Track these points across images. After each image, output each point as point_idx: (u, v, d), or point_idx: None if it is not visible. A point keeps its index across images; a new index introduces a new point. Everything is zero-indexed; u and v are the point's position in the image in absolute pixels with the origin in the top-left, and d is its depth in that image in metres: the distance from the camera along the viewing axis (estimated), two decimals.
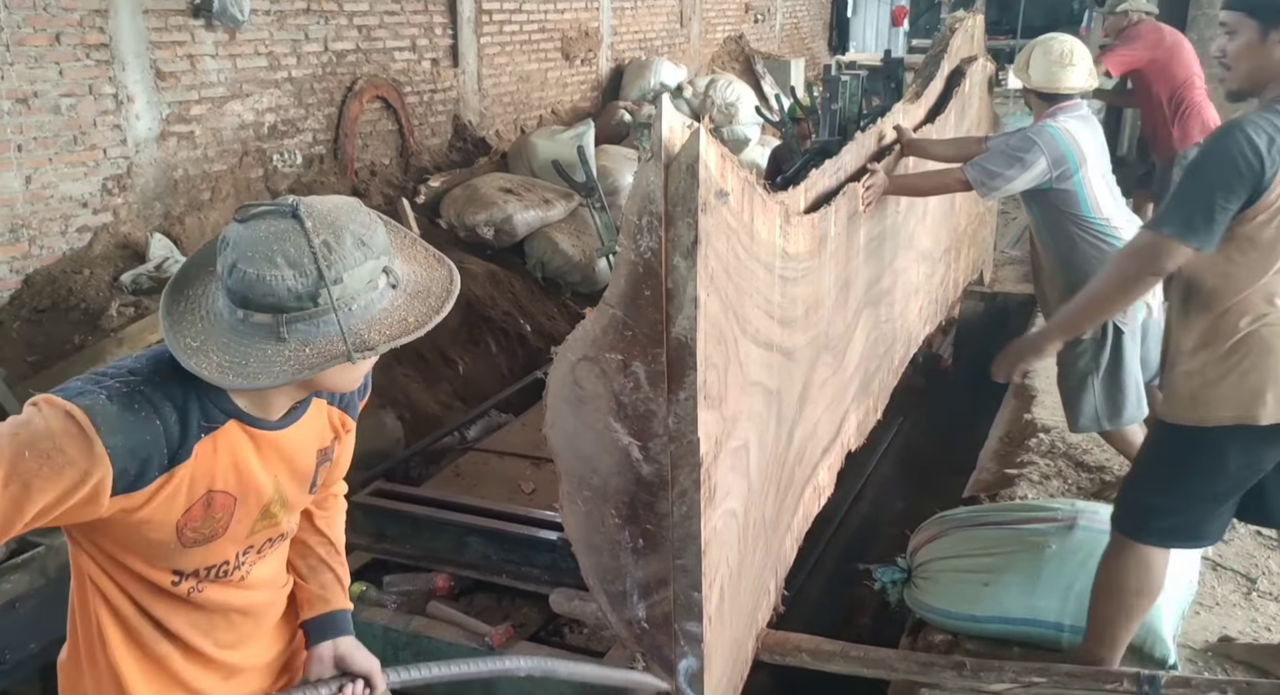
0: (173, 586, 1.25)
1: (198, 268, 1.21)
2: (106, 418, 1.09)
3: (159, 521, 1.17)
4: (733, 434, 2.03)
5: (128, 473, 1.10)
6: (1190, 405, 1.99)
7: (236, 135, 5.45)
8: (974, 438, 4.46)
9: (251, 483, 1.25)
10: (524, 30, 8.18)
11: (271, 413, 1.25)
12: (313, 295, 1.09)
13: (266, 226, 1.10)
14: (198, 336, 1.13)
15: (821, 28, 15.47)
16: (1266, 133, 1.79)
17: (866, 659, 2.27)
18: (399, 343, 1.13)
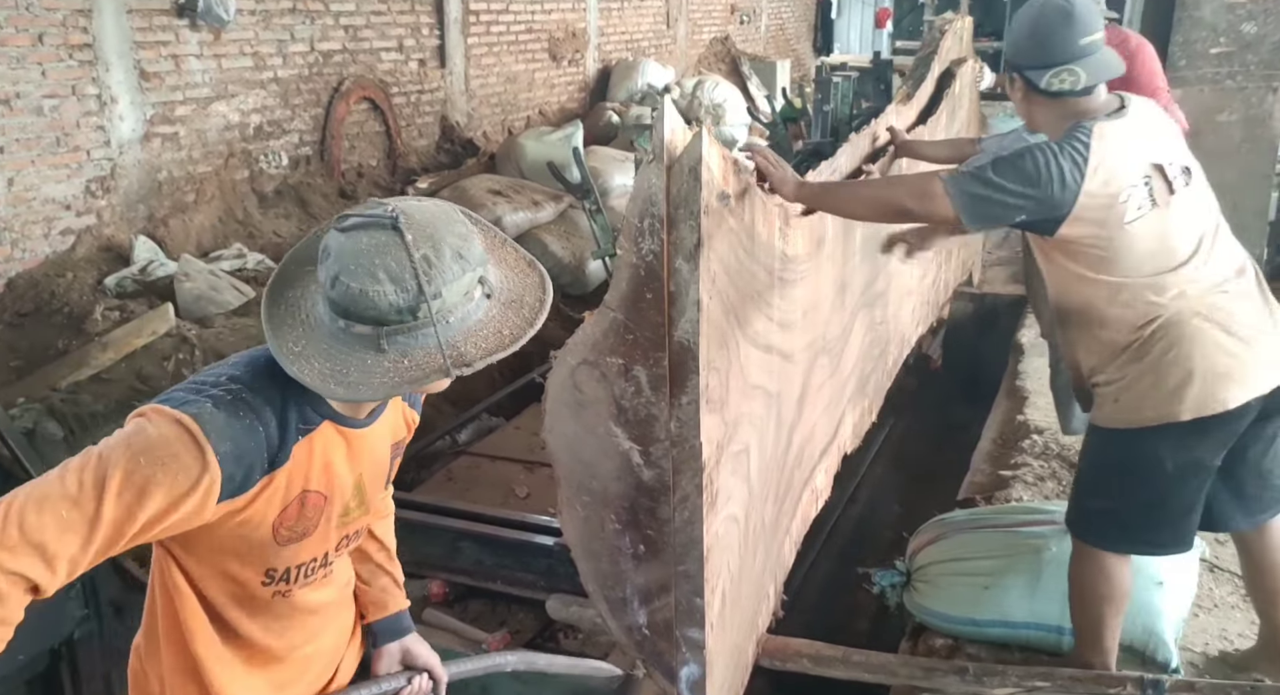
0: (262, 587, 1.29)
1: (295, 266, 1.23)
2: (215, 425, 1.11)
3: (258, 522, 1.20)
4: (734, 438, 2.01)
5: (234, 479, 1.13)
6: (1116, 409, 2.01)
7: (222, 136, 5.40)
8: (965, 439, 4.46)
9: (338, 481, 1.28)
10: (511, 31, 8.15)
11: (361, 412, 1.29)
12: (413, 309, 1.11)
13: (368, 238, 1.11)
14: (299, 341, 1.15)
15: (806, 29, 15.52)
16: (1073, 159, 1.85)
17: (868, 664, 2.26)
18: (495, 358, 1.15)
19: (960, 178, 1.88)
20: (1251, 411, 1.96)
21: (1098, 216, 1.89)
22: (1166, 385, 1.94)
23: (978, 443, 4.03)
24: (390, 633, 1.52)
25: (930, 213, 1.92)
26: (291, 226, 5.65)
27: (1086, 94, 1.96)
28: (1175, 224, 1.94)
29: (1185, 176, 1.96)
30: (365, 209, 1.14)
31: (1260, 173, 6.32)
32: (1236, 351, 1.94)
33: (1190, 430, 1.95)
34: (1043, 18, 1.98)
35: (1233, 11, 6.19)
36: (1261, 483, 2.10)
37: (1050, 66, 1.93)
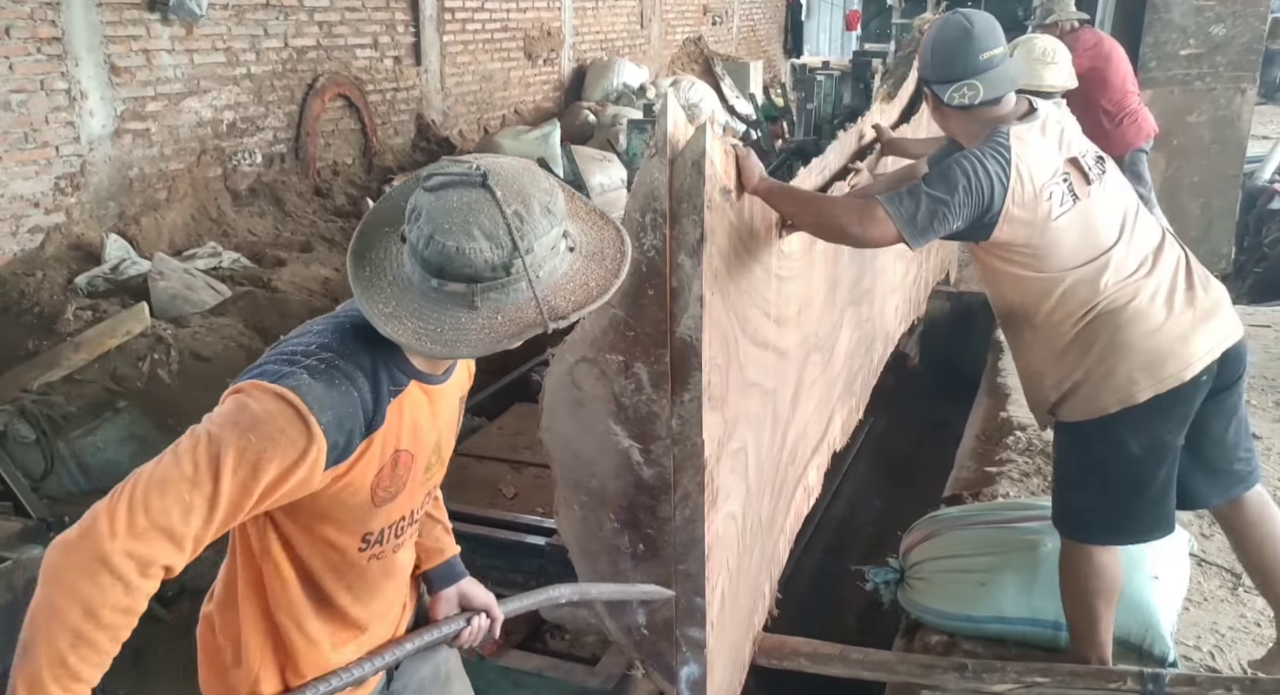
0: (359, 553, 1.30)
1: (375, 229, 1.23)
2: (315, 396, 1.12)
3: (358, 485, 1.22)
4: (733, 435, 2.00)
5: (337, 446, 1.15)
6: (1075, 403, 2.06)
7: (194, 133, 5.30)
8: (945, 435, 4.49)
9: (423, 438, 1.30)
10: (486, 29, 8.10)
11: (439, 369, 1.30)
12: (506, 265, 1.12)
13: (458, 197, 1.12)
14: (389, 302, 1.16)
15: (777, 31, 15.59)
16: (997, 162, 1.91)
17: (866, 662, 2.25)
18: (587, 311, 1.17)
19: (897, 199, 1.92)
20: (1205, 384, 2.01)
21: (1026, 215, 1.95)
22: (1119, 372, 1.99)
23: (959, 440, 4.06)
24: (446, 579, 1.55)
25: (874, 237, 1.96)
26: (266, 225, 5.56)
27: (994, 104, 2.03)
28: (1097, 212, 2.01)
29: (1100, 166, 2.04)
30: (450, 168, 1.14)
31: (1228, 173, 6.44)
32: (1177, 325, 1.99)
33: (1150, 411, 2.00)
34: (943, 35, 2.05)
35: (1202, 14, 6.29)
36: (1229, 456, 2.16)
37: (952, 81, 2.00)
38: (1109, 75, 5.15)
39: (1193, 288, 2.04)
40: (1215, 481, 2.18)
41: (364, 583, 1.35)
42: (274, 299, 4.47)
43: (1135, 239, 2.04)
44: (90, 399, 3.43)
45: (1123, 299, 1.99)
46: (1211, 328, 2.02)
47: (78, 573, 1.02)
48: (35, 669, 1.01)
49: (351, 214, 6.12)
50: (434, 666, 1.60)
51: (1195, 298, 2.03)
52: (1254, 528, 2.19)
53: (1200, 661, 2.34)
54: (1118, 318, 1.99)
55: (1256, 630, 2.46)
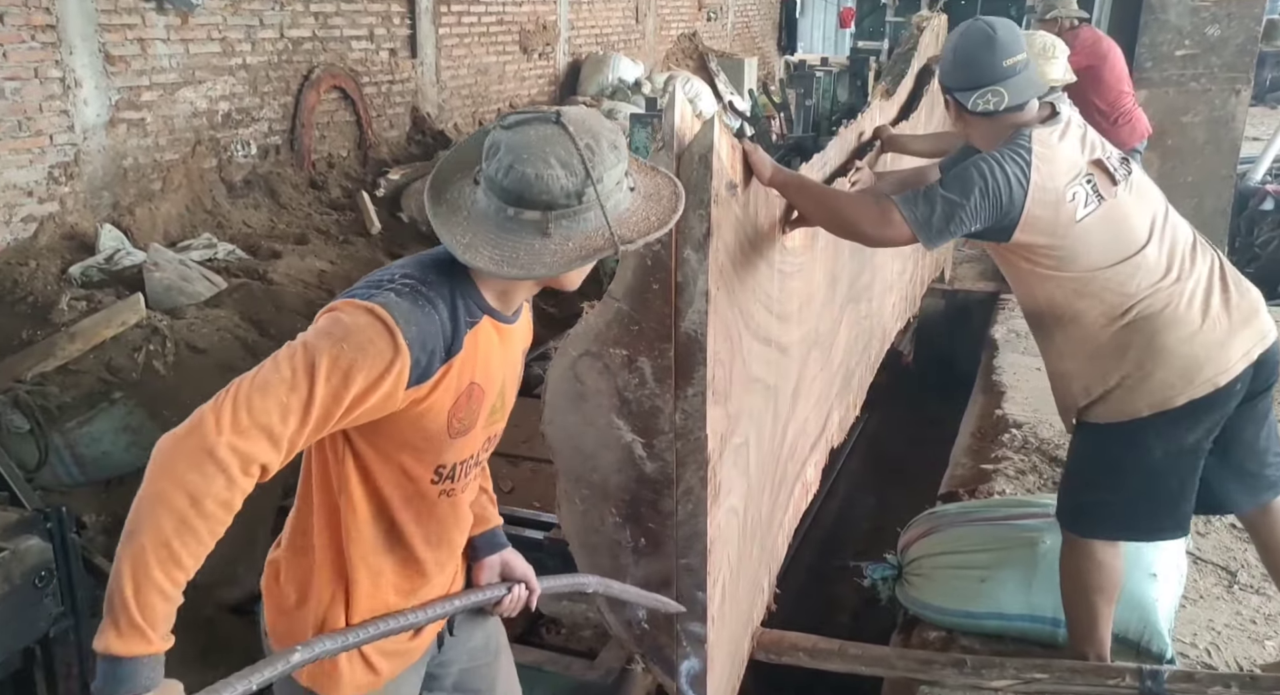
0: (431, 486, 1.37)
1: (449, 174, 1.31)
2: (402, 312, 1.20)
3: (437, 411, 1.28)
4: (735, 431, 2.00)
5: (420, 363, 1.21)
6: (1106, 407, 2.04)
7: (189, 123, 5.27)
8: (938, 433, 4.50)
9: (493, 375, 1.37)
10: (482, 22, 8.07)
11: (510, 308, 1.37)
12: (579, 193, 1.20)
13: (535, 131, 1.21)
14: (465, 234, 1.24)
15: (771, 28, 15.59)
16: (1017, 164, 1.91)
17: (864, 657, 2.26)
18: (650, 238, 1.27)
19: (912, 201, 1.92)
20: (1239, 392, 2.00)
21: (1048, 218, 1.94)
22: (1155, 377, 1.98)
23: (953, 437, 4.07)
24: (490, 546, 1.60)
25: (888, 237, 1.97)
26: (261, 217, 5.53)
27: (1018, 110, 2.02)
28: (1126, 213, 1.99)
29: (1125, 167, 2.03)
30: (526, 111, 1.24)
31: (1222, 173, 6.46)
32: (1214, 330, 1.98)
33: (1182, 415, 1.99)
34: (967, 42, 2.05)
35: (1197, 15, 6.31)
36: (1260, 462, 2.14)
37: (976, 88, 2.00)
38: (1105, 74, 5.17)
39: (1228, 292, 2.02)
40: (1246, 487, 2.15)
41: (434, 520, 1.41)
42: (269, 291, 4.44)
43: (1166, 240, 2.02)
44: (85, 389, 3.41)
45: (1158, 303, 1.97)
46: (1248, 333, 2.00)
47: (186, 463, 1.09)
48: (139, 549, 1.07)
49: (346, 207, 6.09)
50: (485, 636, 1.65)
51: (1231, 302, 2.01)
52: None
53: (1197, 658, 2.35)
54: (1154, 322, 1.97)
55: (1252, 627, 2.47)
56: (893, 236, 1.95)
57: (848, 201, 1.99)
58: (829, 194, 2.01)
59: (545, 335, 5.08)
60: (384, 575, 1.39)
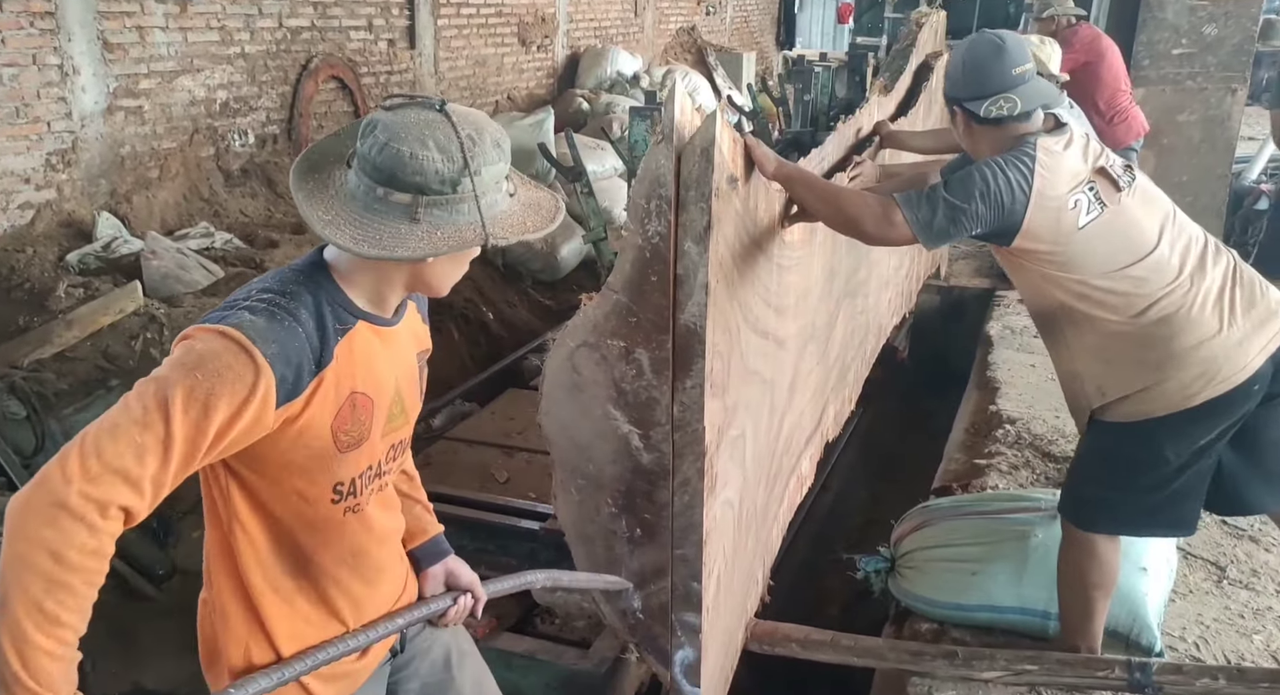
0: (333, 504, 1.31)
1: (324, 154, 1.27)
2: (258, 330, 1.15)
3: (317, 427, 1.23)
4: (732, 423, 2.01)
5: (286, 380, 1.16)
6: (1123, 407, 2.05)
7: (187, 112, 5.25)
8: (933, 428, 4.52)
9: (381, 382, 1.32)
10: (481, 14, 8.05)
11: (386, 309, 1.32)
12: (454, 181, 1.17)
13: (416, 114, 1.18)
14: (329, 211, 1.19)
15: (770, 22, 15.57)
16: (1019, 171, 1.93)
17: (857, 648, 2.28)
18: (523, 239, 1.24)
19: (915, 202, 1.94)
20: (1257, 393, 2.00)
21: (1050, 225, 1.95)
22: (1174, 380, 1.98)
23: (946, 432, 4.09)
24: (432, 556, 1.58)
25: (889, 238, 1.98)
26: (258, 206, 5.53)
27: (1025, 119, 2.04)
28: (1132, 219, 2.01)
29: (1129, 174, 2.04)
30: (411, 95, 1.22)
31: (1217, 172, 6.48)
32: (1233, 333, 1.98)
33: (1199, 415, 1.99)
34: (976, 52, 2.08)
35: (1194, 14, 6.33)
36: None
37: (987, 96, 2.02)
38: (1102, 72, 5.18)
39: (1247, 293, 2.03)
40: (1272, 486, 2.14)
41: (344, 539, 1.35)
42: None
43: (1179, 244, 2.03)
44: (82, 377, 3.41)
45: (1173, 306, 1.98)
46: (1266, 331, 2.01)
47: (38, 521, 1.04)
48: (14, 619, 1.02)
49: None
50: (445, 649, 1.61)
51: (1251, 304, 2.02)
52: None
53: (1185, 652, 2.38)
54: (1171, 326, 1.98)
55: (1240, 622, 2.50)
56: (894, 236, 1.97)
57: (851, 199, 2.00)
58: (833, 190, 2.02)
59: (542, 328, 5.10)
60: (297, 604, 1.33)
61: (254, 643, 1.32)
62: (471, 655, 1.68)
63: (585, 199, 2.70)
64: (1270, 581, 2.67)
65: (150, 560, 3.14)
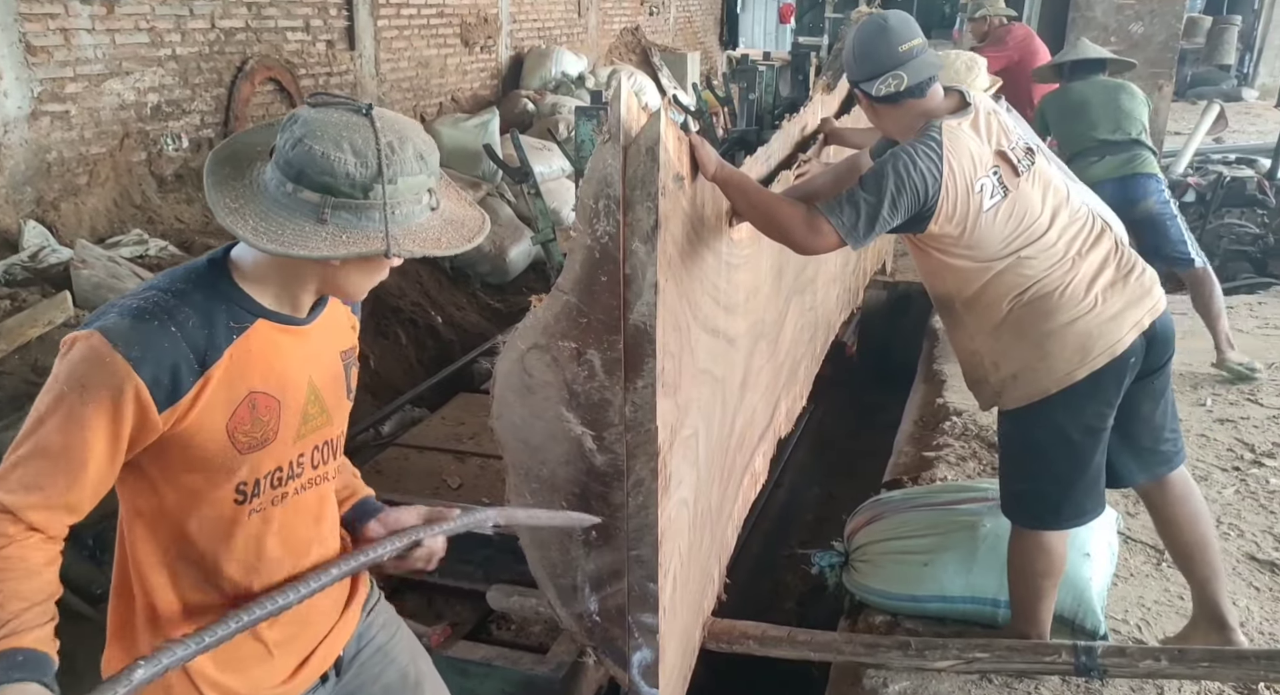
0: (236, 505, 1.27)
1: (246, 145, 1.23)
2: (121, 333, 1.12)
3: (210, 428, 1.20)
4: (685, 422, 2.01)
5: (161, 382, 1.13)
6: (1016, 389, 2.14)
7: (116, 116, 5.09)
8: (883, 422, 4.59)
9: (288, 383, 1.28)
10: (422, 14, 7.95)
11: (298, 309, 1.28)
12: (366, 187, 1.14)
13: (339, 115, 1.16)
14: (238, 199, 1.16)
15: (713, 23, 15.66)
16: (929, 158, 1.99)
17: (813, 643, 2.29)
18: (431, 254, 1.19)
19: (837, 208, 1.98)
20: (1134, 365, 2.10)
21: (960, 206, 2.02)
22: (1054, 355, 2.08)
23: (896, 426, 4.15)
24: (366, 514, 1.53)
25: (818, 247, 2.02)
26: (195, 212, 5.38)
27: (920, 95, 2.09)
28: (1028, 203, 2.09)
29: (1029, 157, 2.12)
30: (340, 96, 1.19)
31: None
32: (1107, 308, 2.08)
33: (1084, 390, 2.08)
34: (862, 35, 2.14)
35: (1122, 12, 6.53)
36: (1156, 437, 2.25)
37: (877, 75, 2.08)
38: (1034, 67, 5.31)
39: (1122, 273, 2.13)
40: (1142, 461, 2.27)
41: (249, 543, 1.30)
42: None
43: (1069, 228, 2.12)
44: (10, 391, 3.28)
45: (1051, 285, 2.08)
46: (1138, 309, 2.11)
47: None
48: None
49: None
50: (401, 672, 1.55)
51: (1126, 283, 2.12)
52: (1177, 506, 2.29)
53: (1128, 634, 2.44)
54: (1047, 304, 2.07)
55: (1180, 603, 2.57)
56: (822, 245, 2.01)
57: (781, 210, 2.02)
58: (766, 199, 2.04)
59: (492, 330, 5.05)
60: (206, 614, 1.28)
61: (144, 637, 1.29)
62: (430, 677, 1.62)
63: (533, 200, 2.68)
64: None
65: (85, 579, 3.04)
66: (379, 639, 1.56)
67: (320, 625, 1.43)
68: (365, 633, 1.54)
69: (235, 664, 1.32)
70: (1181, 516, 2.29)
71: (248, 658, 1.33)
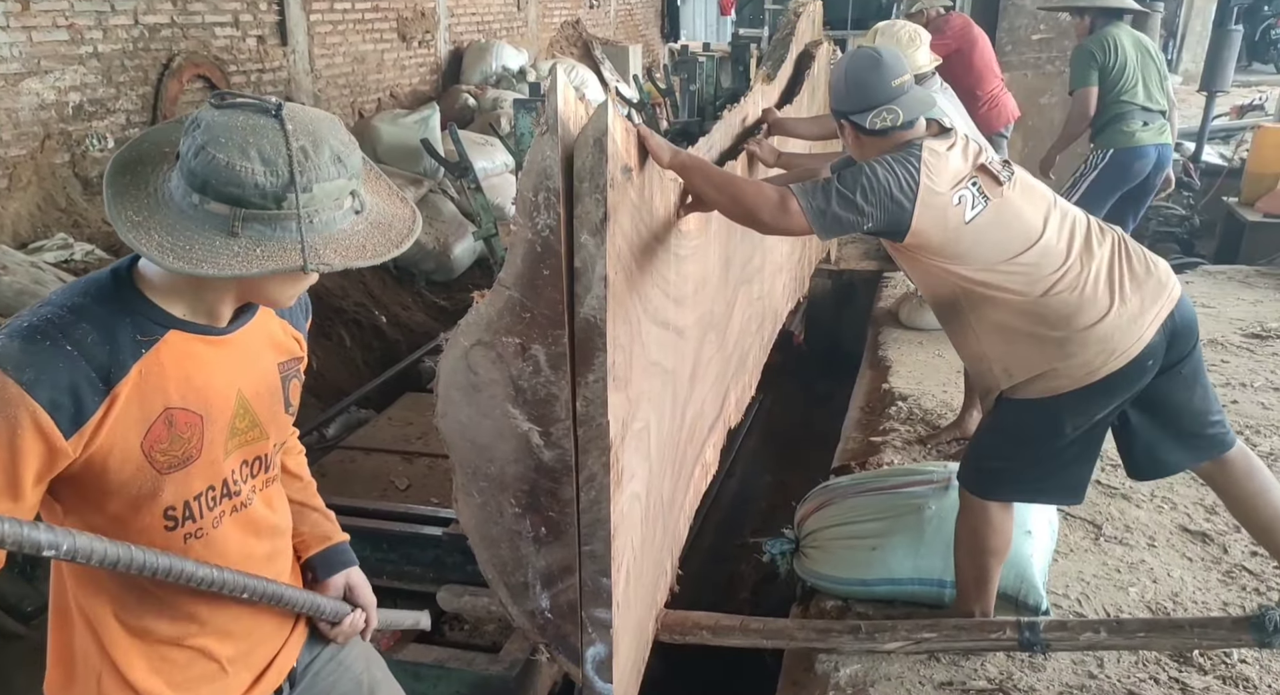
0: (168, 531, 1.20)
1: (153, 146, 1.14)
2: (10, 357, 1.05)
3: (123, 449, 1.12)
4: (636, 415, 2.00)
5: (62, 405, 1.06)
6: (1030, 386, 2.12)
7: (36, 116, 4.91)
8: (831, 409, 4.64)
9: (212, 396, 1.20)
10: (357, 9, 7.80)
11: (217, 318, 1.21)
12: (278, 197, 1.06)
13: (245, 118, 1.06)
14: (141, 211, 1.07)
15: (654, 15, 15.66)
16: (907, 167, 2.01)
17: (765, 630, 2.31)
18: (354, 265, 1.12)
19: (810, 191, 1.98)
20: (1151, 368, 2.09)
21: (939, 219, 2.03)
22: (1078, 357, 2.06)
23: (844, 413, 4.21)
24: (329, 565, 1.49)
25: (785, 227, 2.01)
26: None
27: (909, 128, 2.12)
28: (1016, 211, 2.09)
29: (1007, 169, 2.14)
30: (247, 95, 1.09)
31: (1077, 152, 6.86)
32: (1127, 308, 2.07)
33: (1098, 390, 2.08)
34: (855, 66, 2.16)
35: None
36: (1199, 422, 2.21)
37: (871, 108, 2.10)
38: (974, 58, 5.39)
39: (1134, 269, 2.12)
40: (1189, 447, 2.22)
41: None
42: None
43: (1064, 229, 2.11)
44: None
45: (1066, 287, 2.06)
46: (1157, 304, 2.09)
47: None
48: None
49: None
50: (354, 679, 1.52)
51: (1142, 278, 2.10)
52: (1244, 483, 2.24)
53: (1069, 608, 2.51)
54: (1068, 306, 2.05)
55: (1117, 576, 2.65)
56: (789, 226, 2.00)
57: (747, 188, 2.01)
58: (729, 179, 2.03)
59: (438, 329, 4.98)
60: (151, 632, 1.24)
61: (107, 682, 1.22)
62: (384, 684, 1.59)
63: (474, 195, 2.64)
64: (1141, 536, 2.84)
65: (17, 597, 2.93)
66: (332, 647, 1.52)
67: (273, 640, 1.39)
68: (318, 641, 1.50)
69: (188, 684, 1.27)
70: (1250, 492, 2.24)
71: (199, 677, 1.29)
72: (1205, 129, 7.46)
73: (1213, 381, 3.77)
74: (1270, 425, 3.55)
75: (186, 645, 1.27)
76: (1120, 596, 2.56)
